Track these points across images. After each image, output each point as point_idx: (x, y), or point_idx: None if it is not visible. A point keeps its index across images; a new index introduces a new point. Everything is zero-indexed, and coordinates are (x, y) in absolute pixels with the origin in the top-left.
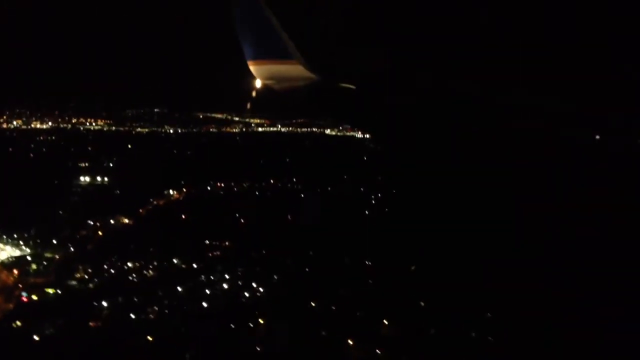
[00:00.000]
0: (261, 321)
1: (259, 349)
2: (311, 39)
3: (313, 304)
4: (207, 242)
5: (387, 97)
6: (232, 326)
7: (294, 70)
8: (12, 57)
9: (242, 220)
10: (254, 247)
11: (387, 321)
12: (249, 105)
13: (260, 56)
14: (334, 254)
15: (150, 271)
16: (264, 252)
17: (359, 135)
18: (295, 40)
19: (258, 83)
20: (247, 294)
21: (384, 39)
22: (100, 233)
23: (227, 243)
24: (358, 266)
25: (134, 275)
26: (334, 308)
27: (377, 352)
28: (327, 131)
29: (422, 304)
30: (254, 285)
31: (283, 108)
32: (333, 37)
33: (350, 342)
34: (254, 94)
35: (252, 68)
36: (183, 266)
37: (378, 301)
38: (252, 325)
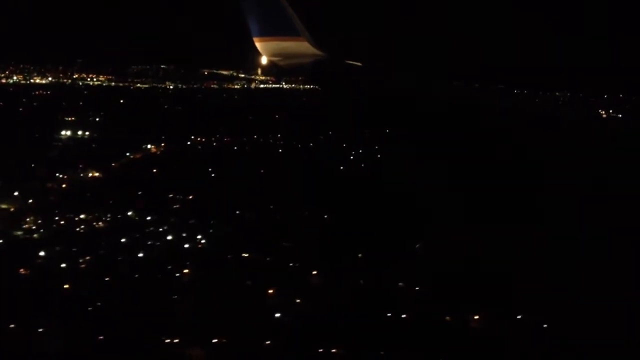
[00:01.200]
0: (187, 271)
1: (177, 297)
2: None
3: (246, 255)
4: (171, 195)
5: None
6: (159, 276)
7: (300, 47)
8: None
9: (213, 175)
10: (215, 200)
11: (317, 271)
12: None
13: (266, 33)
14: (293, 209)
15: (101, 223)
16: (223, 205)
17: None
18: (301, 17)
19: (264, 60)
20: (187, 246)
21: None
22: (64, 186)
23: (190, 197)
24: (313, 220)
25: (82, 226)
26: (268, 259)
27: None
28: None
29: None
30: (199, 237)
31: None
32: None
33: (270, 291)
34: (259, 71)
35: (258, 45)
36: (136, 218)
37: (319, 253)
38: (178, 275)
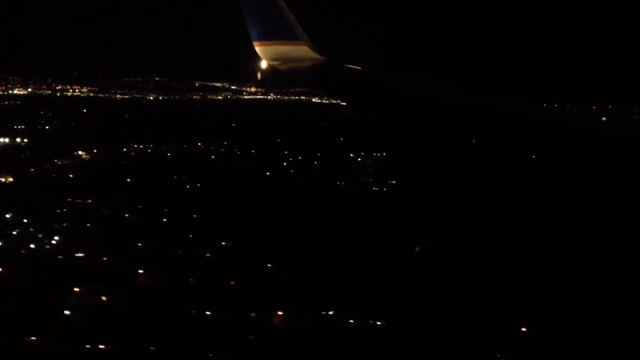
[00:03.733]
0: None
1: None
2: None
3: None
4: (69, 199)
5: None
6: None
7: (300, 51)
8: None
9: (128, 181)
10: (110, 207)
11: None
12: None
13: (266, 37)
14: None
15: None
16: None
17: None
18: (301, 21)
19: (264, 64)
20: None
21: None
22: None
23: (88, 201)
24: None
25: None
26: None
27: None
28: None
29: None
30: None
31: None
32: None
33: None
34: (259, 75)
35: (257, 49)
36: (24, 220)
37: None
38: None
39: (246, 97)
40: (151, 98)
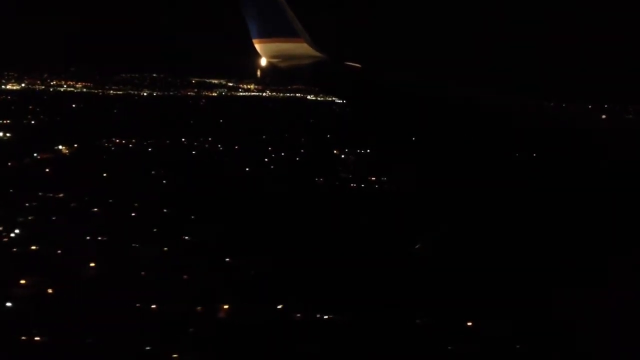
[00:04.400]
0: None
1: None
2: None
3: None
4: (40, 193)
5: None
6: None
7: (300, 48)
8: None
9: (104, 176)
10: (82, 200)
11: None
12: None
13: (266, 34)
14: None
15: None
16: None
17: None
18: (300, 18)
19: (263, 61)
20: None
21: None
22: None
23: (60, 195)
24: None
25: None
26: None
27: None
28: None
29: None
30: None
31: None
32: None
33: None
34: (259, 72)
35: (257, 46)
36: None
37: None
38: None
39: (241, 94)
40: (145, 94)
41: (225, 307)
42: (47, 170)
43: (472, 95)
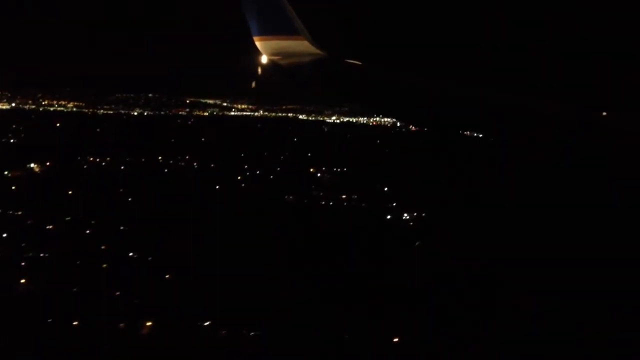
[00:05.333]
0: None
1: None
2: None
3: None
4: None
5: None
6: None
7: (300, 46)
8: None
9: (69, 194)
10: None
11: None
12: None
13: (267, 32)
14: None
15: None
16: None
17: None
18: (300, 16)
19: (264, 59)
20: None
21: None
22: None
23: (18, 213)
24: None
25: None
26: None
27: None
28: (301, 116)
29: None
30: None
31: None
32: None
33: None
34: (259, 70)
35: (258, 44)
36: None
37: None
38: None
39: (232, 113)
40: (135, 113)
41: (149, 324)
42: (13, 187)
43: (472, 94)
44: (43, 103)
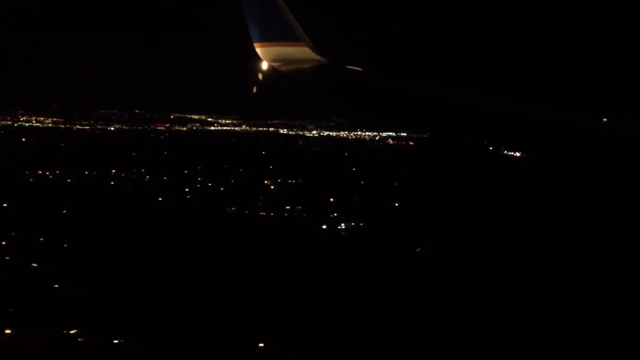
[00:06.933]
0: None
1: None
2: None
3: None
4: None
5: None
6: None
7: (301, 52)
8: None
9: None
10: None
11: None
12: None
13: (267, 38)
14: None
15: None
16: None
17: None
18: (301, 22)
19: (264, 65)
20: None
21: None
22: None
23: None
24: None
25: None
26: None
27: None
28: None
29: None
30: None
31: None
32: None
33: None
34: (260, 76)
35: (258, 50)
36: None
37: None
38: None
39: (213, 128)
40: (112, 129)
41: None
42: None
43: (472, 100)
44: (21, 119)
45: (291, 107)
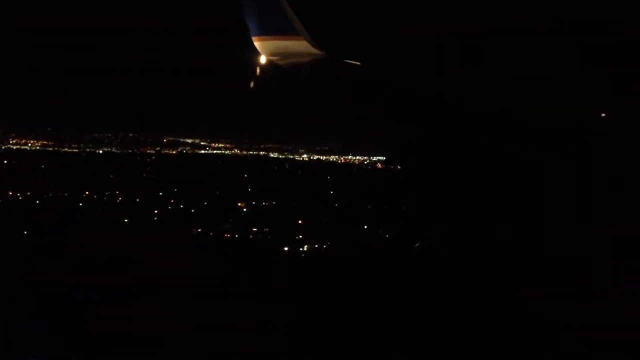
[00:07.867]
0: None
1: None
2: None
3: None
4: None
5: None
6: None
7: (299, 46)
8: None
9: None
10: None
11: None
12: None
13: (265, 32)
14: None
15: None
16: None
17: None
18: (300, 16)
19: (263, 59)
20: None
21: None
22: None
23: None
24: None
25: None
26: None
27: None
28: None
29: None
30: None
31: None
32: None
33: None
34: (258, 71)
35: (256, 44)
36: None
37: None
38: None
39: (203, 151)
40: (100, 152)
41: None
42: None
43: (470, 95)
44: (10, 142)
45: (289, 120)
